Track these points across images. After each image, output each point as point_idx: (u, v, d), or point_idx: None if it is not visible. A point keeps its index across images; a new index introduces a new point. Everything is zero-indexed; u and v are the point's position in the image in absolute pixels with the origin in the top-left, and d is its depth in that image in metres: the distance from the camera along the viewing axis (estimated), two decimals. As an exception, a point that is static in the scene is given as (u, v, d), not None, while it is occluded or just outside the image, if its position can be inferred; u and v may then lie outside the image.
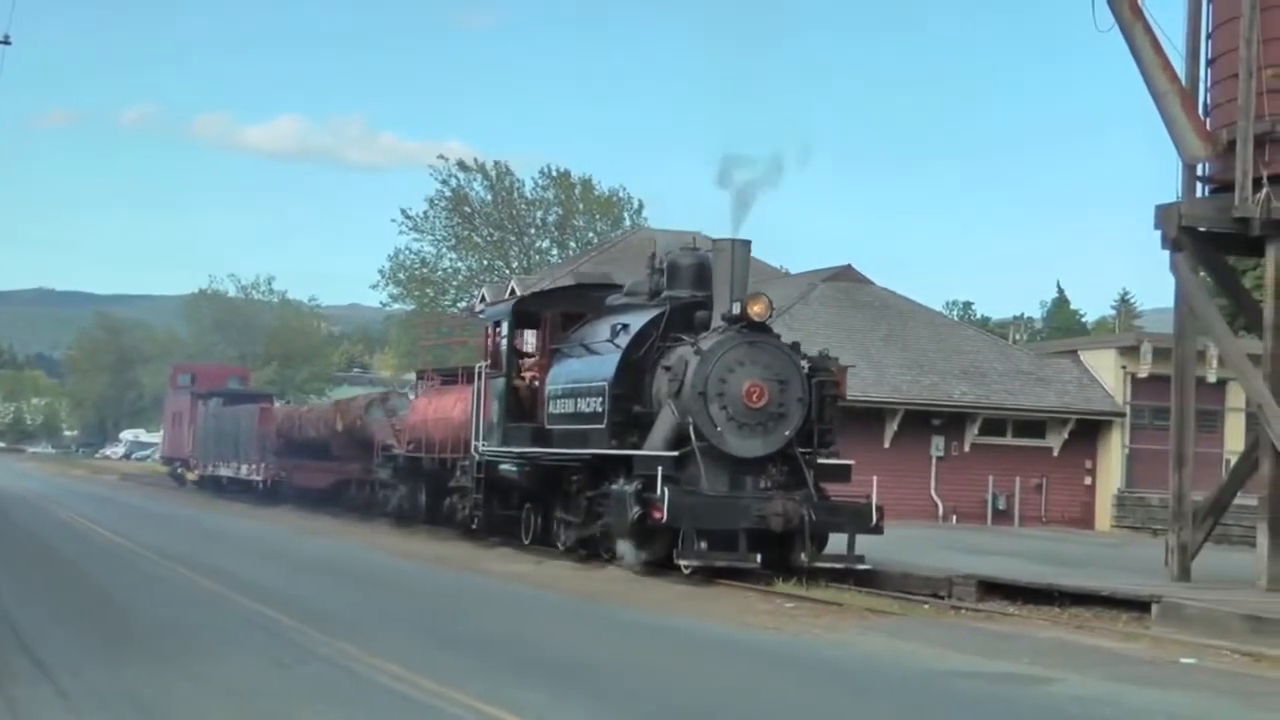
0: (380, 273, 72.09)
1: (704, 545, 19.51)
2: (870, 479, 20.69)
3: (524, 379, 25.45)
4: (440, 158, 73.48)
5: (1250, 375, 19.38)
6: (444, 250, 71.37)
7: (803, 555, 19.57)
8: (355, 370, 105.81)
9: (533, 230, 71.96)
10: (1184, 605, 16.21)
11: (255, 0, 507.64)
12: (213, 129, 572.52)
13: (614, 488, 20.68)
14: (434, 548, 25.63)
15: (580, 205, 71.77)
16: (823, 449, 21.01)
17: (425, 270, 71.24)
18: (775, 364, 20.74)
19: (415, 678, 10.88)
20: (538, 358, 25.57)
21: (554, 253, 70.49)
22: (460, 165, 70.66)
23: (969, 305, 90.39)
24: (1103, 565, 22.51)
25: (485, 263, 70.92)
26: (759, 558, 19.44)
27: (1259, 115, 18.39)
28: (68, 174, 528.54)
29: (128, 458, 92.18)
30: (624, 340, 22.13)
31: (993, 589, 18.87)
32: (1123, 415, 38.15)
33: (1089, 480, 38.41)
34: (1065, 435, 38.02)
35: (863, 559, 19.97)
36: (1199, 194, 19.90)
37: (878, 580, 19.90)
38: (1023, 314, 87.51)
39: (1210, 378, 34.48)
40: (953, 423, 37.37)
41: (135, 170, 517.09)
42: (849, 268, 42.12)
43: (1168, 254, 19.81)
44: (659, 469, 19.77)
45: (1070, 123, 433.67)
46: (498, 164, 71.78)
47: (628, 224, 69.41)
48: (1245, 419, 33.43)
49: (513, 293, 42.85)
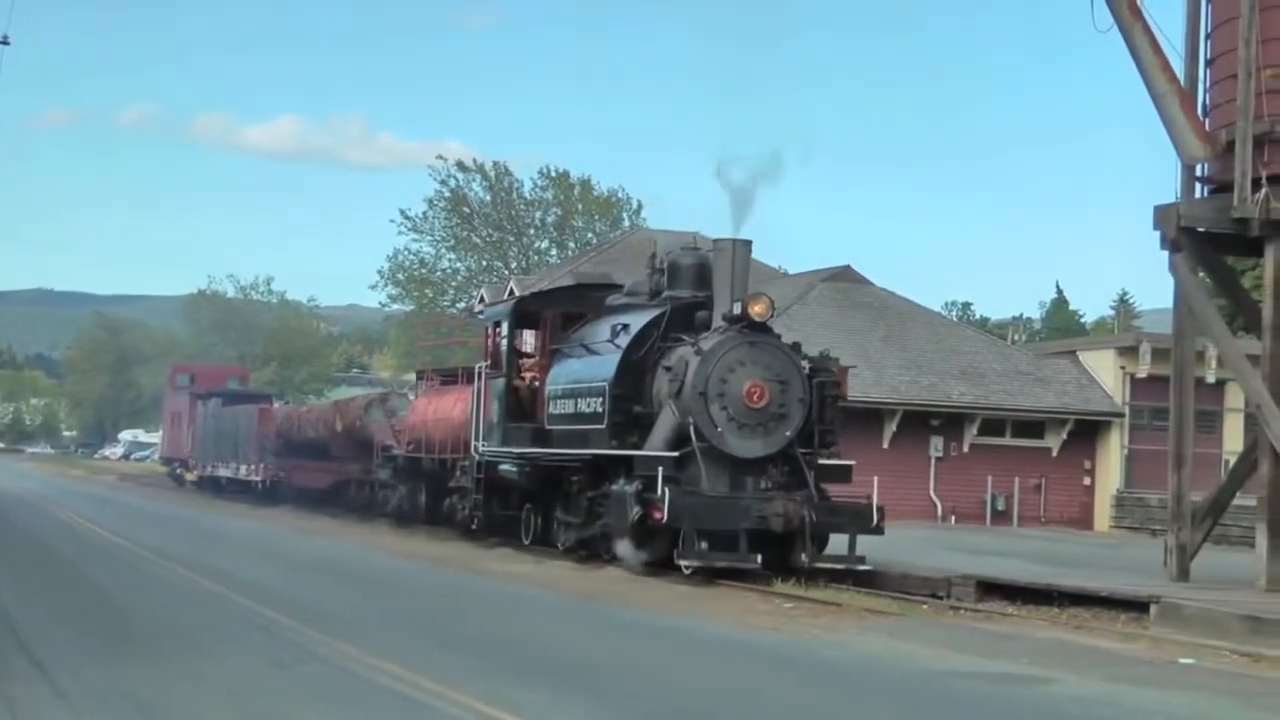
0: (379, 273, 72.17)
1: (704, 546, 19.50)
2: (871, 479, 20.68)
3: (524, 379, 25.44)
4: (439, 158, 73.71)
5: (1249, 376, 19.39)
6: (443, 250, 71.43)
7: (803, 556, 19.56)
8: (354, 371, 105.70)
9: (532, 231, 71.96)
10: (1183, 606, 16.21)
11: (255, 0, 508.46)
12: (212, 129, 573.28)
13: (614, 488, 20.67)
14: (434, 548, 25.63)
15: (579, 206, 71.74)
16: (823, 449, 21.00)
17: (424, 271, 71.20)
18: (776, 364, 20.74)
19: (415, 678, 10.89)
20: (538, 358, 25.56)
21: (553, 253, 70.47)
22: (459, 165, 70.74)
23: (968, 305, 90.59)
24: (1101, 565, 22.51)
25: (484, 263, 70.89)
26: (759, 558, 19.43)
27: (1258, 115, 18.40)
28: (67, 174, 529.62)
29: (127, 458, 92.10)
30: (624, 340, 22.12)
31: (991, 589, 18.87)
32: (1121, 416, 38.16)
33: (1088, 481, 38.41)
34: (1064, 436, 38.03)
35: (864, 559, 19.97)
36: (1198, 194, 19.91)
37: (876, 580, 19.89)
38: (1022, 314, 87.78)
39: (1209, 378, 34.47)
40: (951, 423, 37.38)
41: (135, 170, 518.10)
42: (848, 268, 42.13)
43: (1167, 254, 19.82)
44: (659, 469, 19.76)
45: (1069, 123, 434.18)
46: (497, 164, 71.89)
47: (626, 224, 69.43)
48: (1244, 419, 33.44)
49: (511, 293, 42.84)
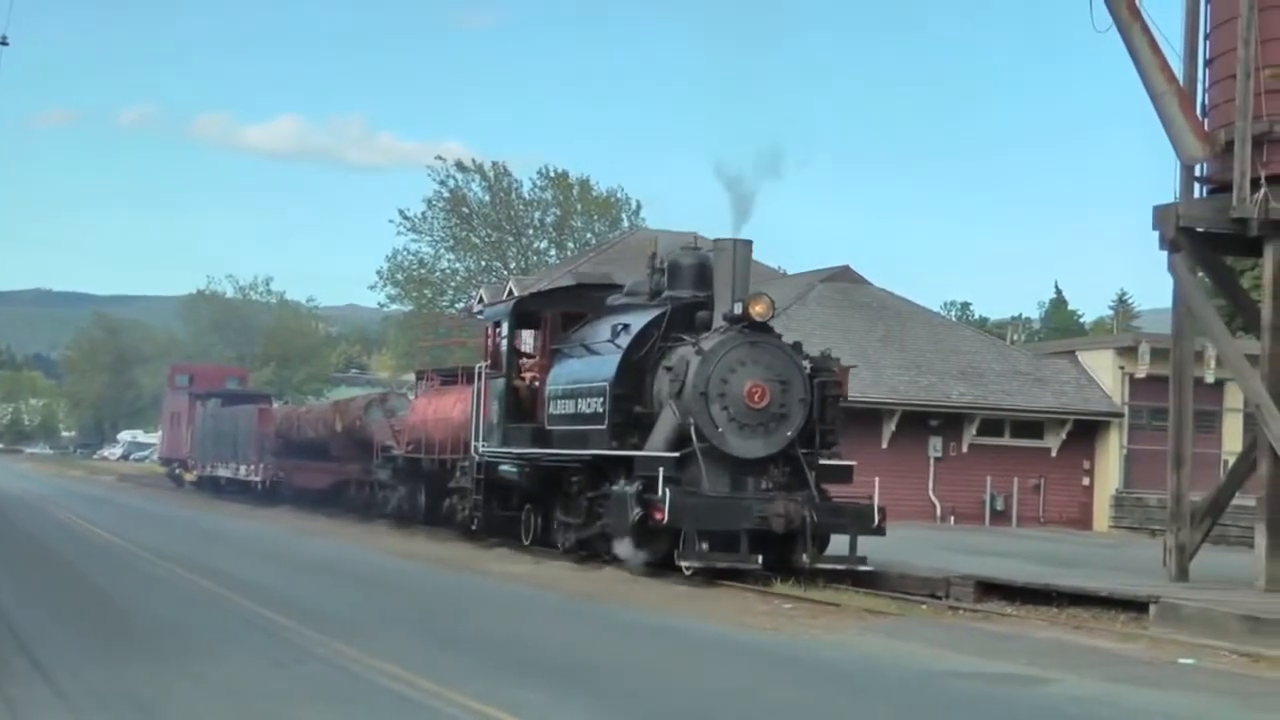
0: (378, 273, 72.17)
1: (705, 546, 19.49)
2: (872, 480, 20.67)
3: (524, 379, 25.42)
4: (438, 158, 73.91)
5: (1248, 376, 19.39)
6: (442, 251, 71.42)
7: (804, 556, 19.54)
8: (353, 371, 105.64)
9: (531, 231, 71.95)
10: (1182, 606, 16.21)
11: (255, 0, 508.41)
12: (212, 129, 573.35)
13: (615, 488, 20.63)
14: (433, 548, 25.62)
15: (578, 206, 71.76)
16: (824, 450, 20.96)
17: (423, 271, 71.19)
18: (777, 364, 20.71)
19: (414, 678, 10.89)
20: (538, 358, 25.54)
21: (552, 253, 70.47)
22: (458, 166, 70.75)
23: (967, 306, 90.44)
24: (1100, 566, 22.51)
25: (483, 263, 70.89)
26: (760, 559, 19.41)
27: (1257, 115, 18.40)
28: (67, 174, 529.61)
29: (126, 458, 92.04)
30: (625, 340, 22.09)
31: (991, 589, 18.87)
32: (1121, 416, 38.18)
33: (1087, 481, 38.43)
34: (1063, 436, 38.05)
35: (865, 560, 19.96)
36: (1197, 194, 19.91)
37: (876, 581, 19.88)
38: (1020, 314, 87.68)
39: (1208, 378, 34.50)
40: (950, 423, 37.40)
41: (134, 170, 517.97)
42: (847, 268, 42.16)
43: (1166, 254, 19.81)
44: (660, 470, 19.73)
45: (1068, 123, 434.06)
46: (496, 164, 71.87)
47: (625, 225, 69.44)
48: (1243, 419, 33.46)
49: (511, 293, 42.83)
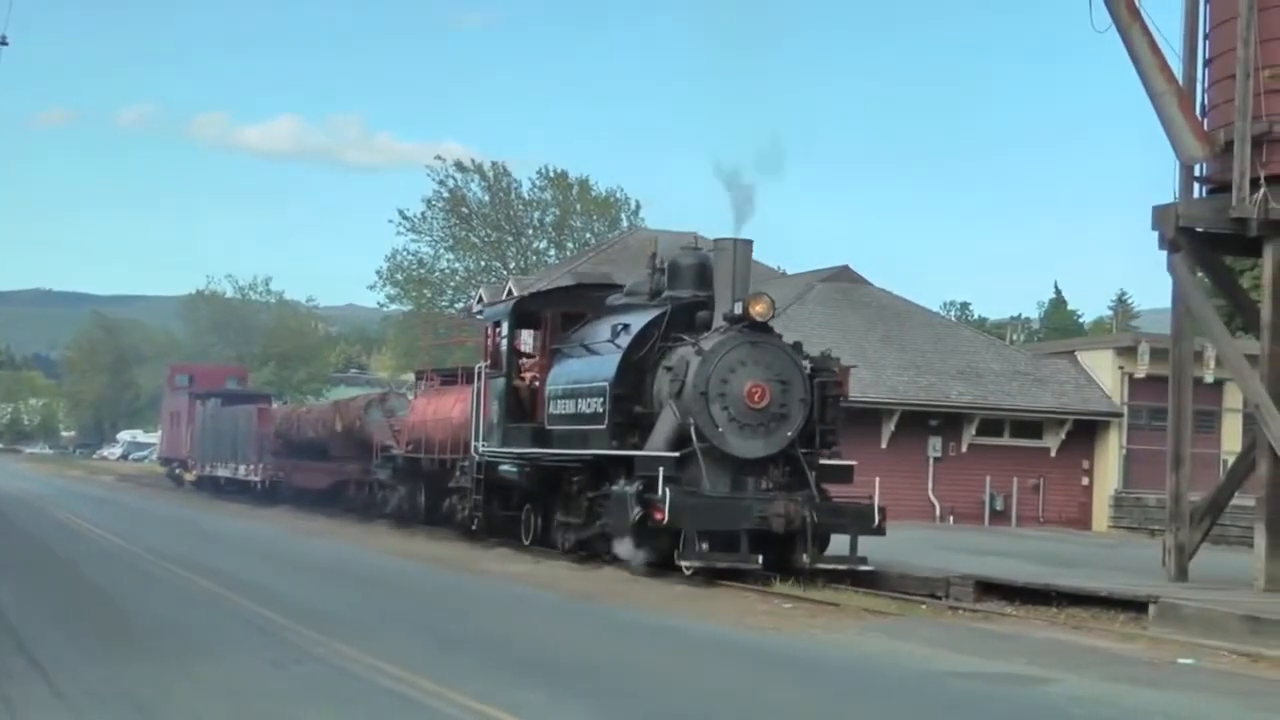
0: (377, 273, 72.12)
1: (705, 546, 19.49)
2: (872, 480, 20.67)
3: (524, 379, 25.40)
4: (438, 158, 73.79)
5: (1247, 376, 19.40)
6: (441, 251, 71.42)
7: (805, 556, 19.54)
8: (352, 371, 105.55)
9: (530, 231, 71.95)
10: (1181, 606, 16.21)
11: (254, 0, 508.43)
12: (211, 129, 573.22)
13: (615, 488, 20.62)
14: (433, 548, 25.62)
15: (577, 206, 71.77)
16: (825, 450, 20.94)
17: (422, 271, 71.19)
18: (777, 364, 20.70)
19: (413, 678, 10.88)
20: (538, 358, 25.53)
21: (551, 253, 70.48)
22: (458, 166, 70.78)
23: (966, 306, 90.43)
24: (1100, 565, 22.51)
25: (482, 263, 70.88)
26: (760, 559, 19.41)
27: (1256, 115, 18.40)
28: (66, 174, 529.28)
29: (125, 458, 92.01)
30: (625, 340, 22.08)
31: (990, 589, 18.87)
32: (1120, 416, 38.18)
33: (1086, 481, 38.43)
34: (1062, 436, 38.06)
35: (865, 560, 19.96)
36: (1196, 194, 19.91)
37: (875, 580, 19.87)
38: (1020, 314, 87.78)
39: (1208, 378, 34.52)
40: (950, 423, 37.40)
41: (134, 170, 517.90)
42: (846, 268, 42.17)
43: (1165, 254, 19.82)
44: (660, 470, 19.72)
45: (1067, 123, 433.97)
46: (495, 164, 71.89)
47: (625, 225, 69.43)
48: (1242, 419, 33.44)
49: (510, 293, 42.83)
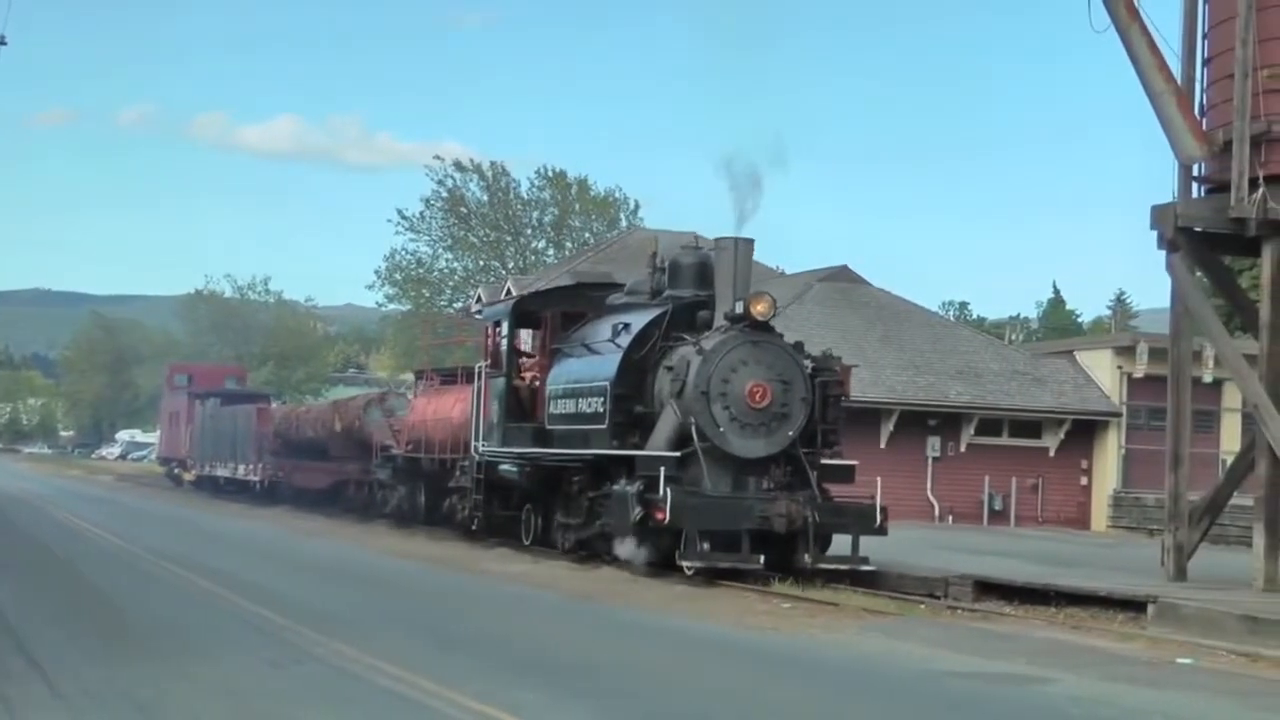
0: (376, 273, 72.13)
1: (707, 546, 19.47)
2: (873, 479, 20.64)
3: (524, 379, 25.38)
4: (437, 158, 73.78)
5: (1246, 375, 19.41)
6: (440, 250, 71.44)
7: (806, 556, 19.52)
8: (351, 370, 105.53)
9: (529, 231, 71.97)
10: (1180, 605, 16.22)
11: (254, 0, 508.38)
12: (210, 129, 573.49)
13: (616, 488, 20.59)
14: (433, 548, 25.61)
15: (576, 206, 71.78)
16: (826, 449, 20.91)
17: (421, 270, 71.22)
18: (778, 364, 20.67)
19: (413, 678, 10.89)
20: (538, 357, 25.52)
21: (550, 253, 70.49)
22: (457, 165, 70.79)
23: (965, 305, 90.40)
24: (1099, 565, 22.52)
25: (481, 263, 70.89)
26: (762, 559, 19.39)
27: (1255, 115, 18.41)
28: (65, 174, 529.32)
29: (124, 458, 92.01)
30: (625, 340, 22.03)
31: (989, 589, 18.88)
32: (1119, 415, 38.20)
33: (1085, 480, 38.46)
34: (1061, 435, 38.08)
35: (867, 560, 19.95)
36: (1195, 194, 19.92)
37: (874, 580, 19.87)
38: (1019, 314, 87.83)
39: (1206, 378, 34.55)
40: (949, 423, 37.42)
41: (133, 170, 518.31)
42: (845, 268, 42.21)
43: (1164, 254, 19.82)
44: (661, 469, 19.68)
45: (1066, 123, 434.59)
46: (494, 164, 71.91)
47: (624, 224, 69.44)
48: (1241, 419, 33.46)
49: (509, 293, 42.83)
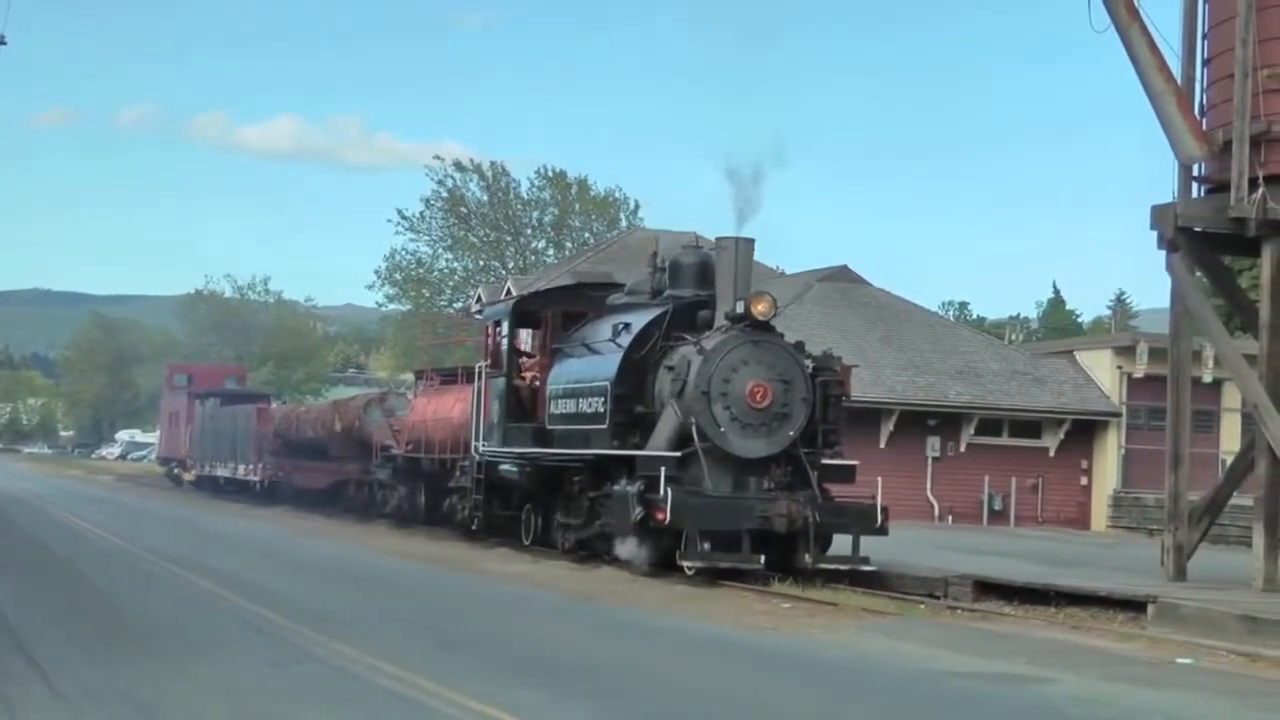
0: (376, 273, 72.17)
1: (707, 546, 19.46)
2: (874, 480, 20.68)
3: (524, 379, 25.36)
4: (437, 158, 73.74)
5: (1246, 375, 19.41)
6: (440, 250, 71.46)
7: (807, 557, 19.51)
8: (351, 370, 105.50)
9: (529, 231, 71.98)
10: (1180, 605, 16.22)
11: (254, 0, 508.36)
12: (210, 129, 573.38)
13: (616, 488, 20.57)
14: (433, 548, 25.61)
15: (576, 206, 71.79)
16: (827, 449, 20.88)
17: (421, 270, 71.23)
18: (779, 364, 20.65)
19: (413, 678, 10.89)
20: (538, 357, 25.50)
21: (550, 253, 70.50)
22: (456, 165, 70.81)
23: (965, 305, 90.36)
24: (1099, 565, 22.53)
25: (481, 263, 70.90)
26: (762, 559, 19.38)
27: (1255, 115, 18.41)
28: (65, 174, 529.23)
29: (124, 458, 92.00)
30: (626, 340, 22.01)
31: (989, 589, 18.88)
32: (1119, 415, 38.21)
33: (1085, 480, 38.46)
34: (1061, 435, 38.08)
35: (868, 560, 19.94)
36: (1195, 194, 19.92)
37: (873, 580, 19.86)
38: (1019, 314, 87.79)
39: (1206, 378, 34.55)
40: (948, 423, 37.42)
41: (133, 170, 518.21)
42: (845, 268, 42.22)
43: (1164, 254, 19.82)
44: (662, 469, 19.67)
45: (1066, 123, 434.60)
46: (494, 164, 71.94)
47: (623, 224, 69.45)
48: (1241, 419, 33.47)
49: (509, 293, 42.83)
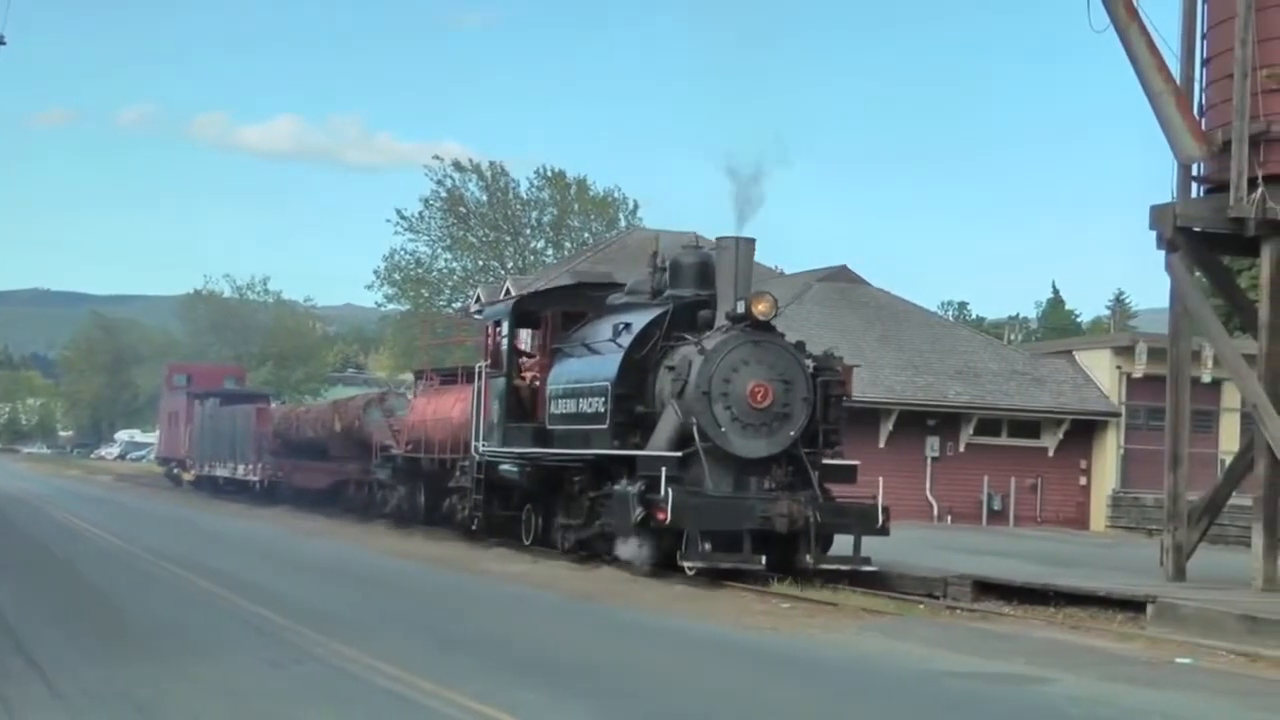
0: (375, 273, 72.14)
1: (708, 546, 19.45)
2: (876, 480, 20.66)
3: (524, 379, 25.35)
4: (436, 158, 73.71)
5: (1245, 375, 19.42)
6: (439, 250, 71.45)
7: (808, 557, 19.49)
8: (350, 370, 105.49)
9: (528, 231, 71.98)
10: (1179, 605, 16.23)
11: (254, 0, 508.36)
12: (210, 129, 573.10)
13: (617, 488, 20.56)
14: (432, 548, 25.62)
15: (575, 205, 71.78)
16: (827, 449, 20.86)
17: (420, 270, 71.22)
18: (780, 364, 20.64)
19: (412, 678, 10.89)
20: (538, 357, 25.49)
21: (549, 253, 70.50)
22: (456, 165, 70.80)
23: (964, 305, 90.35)
24: (1098, 565, 22.53)
25: (480, 263, 70.89)
26: (763, 559, 19.36)
27: (1254, 115, 18.43)
28: (65, 174, 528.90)
29: (123, 458, 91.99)
30: (626, 340, 21.99)
31: (988, 589, 18.88)
32: (1118, 415, 38.21)
33: (1084, 480, 38.47)
34: (1060, 435, 38.08)
35: (869, 560, 19.93)
36: (1194, 194, 19.94)
37: (873, 580, 19.86)
38: (1018, 314, 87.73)
39: (1205, 378, 34.56)
40: (948, 423, 37.42)
41: (133, 170, 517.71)
42: (844, 268, 42.22)
43: (1163, 254, 19.83)
44: (662, 469, 19.64)
45: (1066, 123, 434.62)
46: (493, 164, 71.93)
47: (623, 224, 69.45)
48: (1240, 419, 33.46)
49: (508, 293, 42.82)
